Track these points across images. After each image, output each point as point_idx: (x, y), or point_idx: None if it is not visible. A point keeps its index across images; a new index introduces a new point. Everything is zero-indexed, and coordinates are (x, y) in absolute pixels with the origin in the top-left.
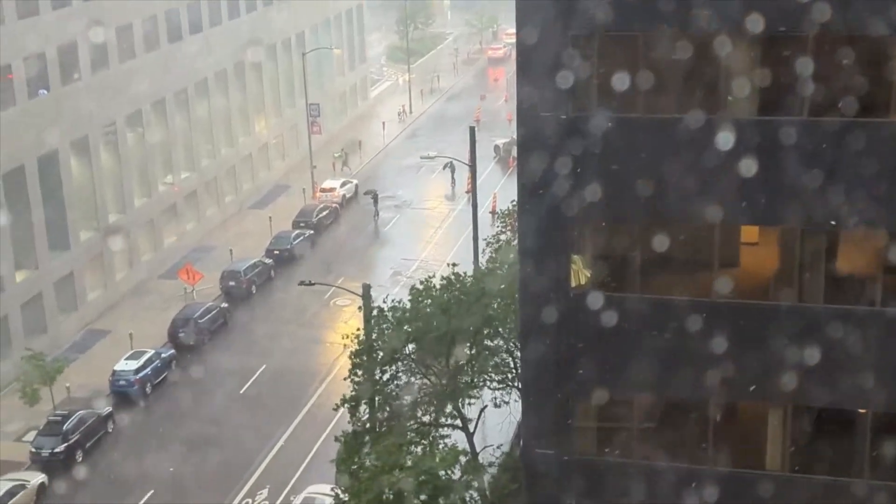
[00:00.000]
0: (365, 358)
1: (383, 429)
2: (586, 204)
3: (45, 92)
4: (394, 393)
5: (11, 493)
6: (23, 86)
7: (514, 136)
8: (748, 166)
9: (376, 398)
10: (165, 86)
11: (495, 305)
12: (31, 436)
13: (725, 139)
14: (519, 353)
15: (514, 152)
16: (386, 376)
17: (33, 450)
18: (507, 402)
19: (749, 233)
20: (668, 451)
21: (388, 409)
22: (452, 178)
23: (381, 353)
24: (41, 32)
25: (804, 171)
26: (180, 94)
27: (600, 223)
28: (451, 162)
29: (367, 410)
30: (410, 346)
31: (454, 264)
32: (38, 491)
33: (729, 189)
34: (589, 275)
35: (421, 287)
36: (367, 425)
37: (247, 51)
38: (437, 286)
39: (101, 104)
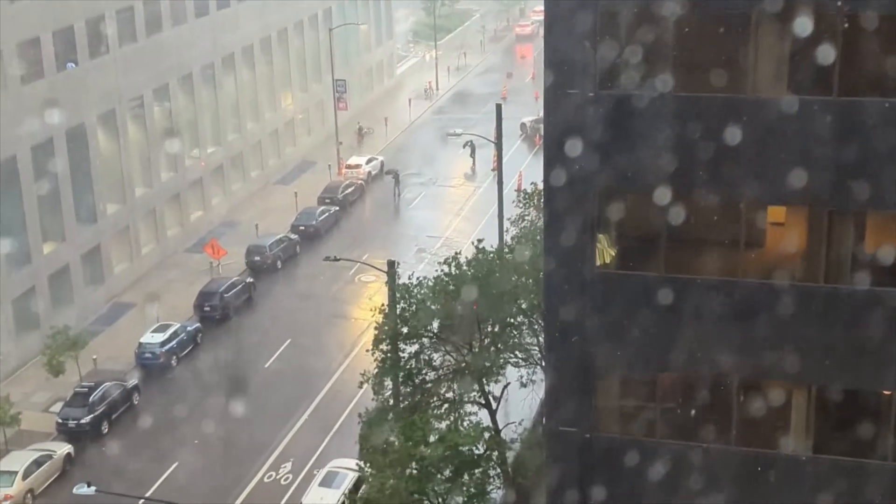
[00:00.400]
0: (389, 334)
1: (406, 403)
2: (612, 182)
3: (73, 65)
4: (417, 369)
5: (38, 463)
6: (51, 59)
7: (541, 114)
8: (776, 145)
9: (400, 374)
10: (192, 60)
11: (519, 283)
12: (57, 407)
13: (754, 117)
14: (543, 331)
15: (541, 130)
16: (412, 349)
17: (60, 420)
18: (532, 381)
19: (776, 213)
20: (691, 430)
21: (411, 385)
22: (472, 157)
23: (406, 329)
24: (69, 5)
25: (833, 151)
26: (207, 69)
27: (626, 202)
28: (470, 141)
29: (391, 387)
30: (435, 323)
31: (479, 240)
32: (64, 461)
33: (757, 168)
34: (614, 253)
35: (446, 264)
36: (391, 402)
37: (273, 26)
38: (463, 263)
39: (128, 78)
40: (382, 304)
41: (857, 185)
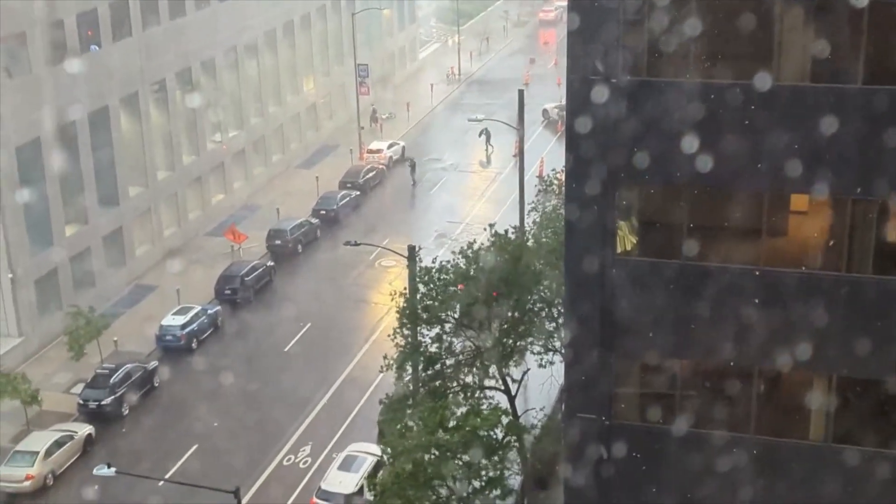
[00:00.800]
0: (409, 319)
1: (426, 387)
2: (634, 169)
3: (97, 48)
4: (437, 354)
5: (59, 444)
6: (75, 41)
7: (564, 100)
8: (800, 134)
9: (420, 359)
10: (215, 44)
11: (539, 269)
12: (79, 388)
13: (778, 106)
14: (562, 318)
15: (563, 116)
16: (432, 333)
17: (81, 402)
18: (552, 364)
19: (799, 201)
20: (711, 418)
21: (432, 370)
22: (488, 144)
23: (426, 314)
24: None
25: (856, 140)
26: (229, 53)
27: (648, 189)
28: (486, 129)
29: (411, 371)
30: (455, 308)
31: (491, 224)
32: (85, 442)
33: (780, 157)
34: (635, 241)
35: (466, 249)
36: (411, 386)
37: (297, 10)
38: (482, 249)
39: (151, 61)
40: (403, 289)
41: (881, 173)
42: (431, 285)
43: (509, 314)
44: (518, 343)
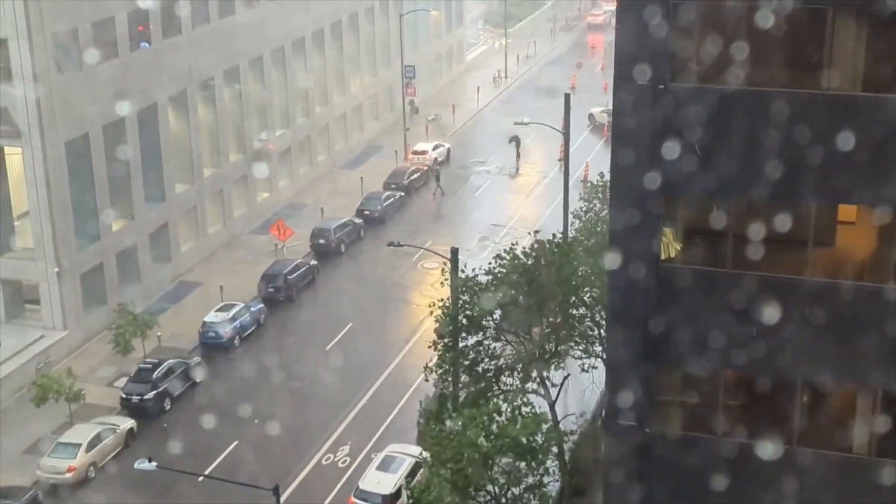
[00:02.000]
0: (450, 327)
1: (466, 391)
2: (680, 176)
3: (147, 45)
4: (478, 359)
5: (101, 437)
6: (125, 39)
7: (610, 105)
8: (848, 143)
9: (461, 363)
10: (263, 43)
11: (581, 274)
12: (122, 382)
13: (826, 115)
14: (604, 323)
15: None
16: (471, 341)
17: (124, 395)
18: (595, 368)
19: (847, 212)
20: (753, 429)
21: (473, 374)
22: (517, 152)
23: (467, 320)
24: None
25: None
26: (277, 53)
27: (693, 196)
28: (516, 136)
29: (451, 376)
30: (496, 313)
31: (536, 231)
32: (126, 436)
33: (828, 166)
34: (679, 248)
35: (506, 254)
36: (451, 389)
37: (345, 11)
38: (522, 254)
39: (200, 59)
40: (443, 299)
41: None
42: (473, 290)
43: (551, 318)
44: (560, 347)
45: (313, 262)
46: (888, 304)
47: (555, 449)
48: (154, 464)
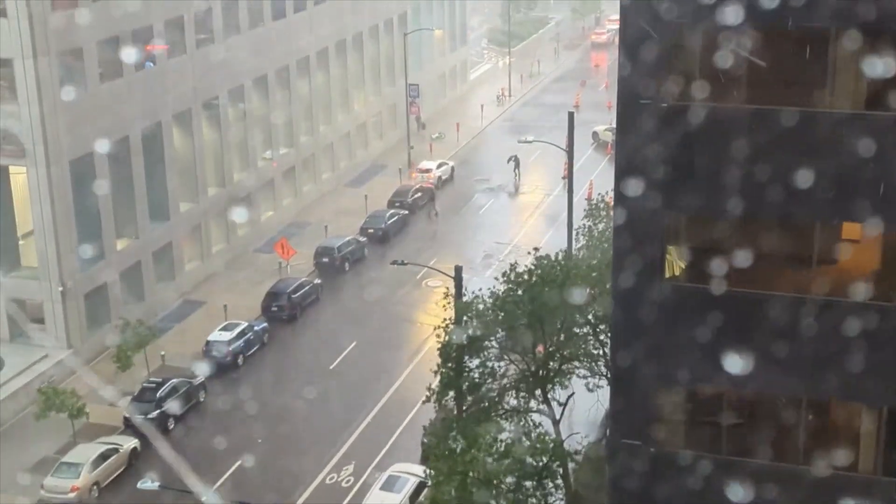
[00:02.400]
0: (454, 347)
1: (469, 412)
2: (683, 194)
3: (152, 64)
4: (481, 381)
5: (104, 457)
6: (129, 58)
7: (614, 123)
8: (852, 161)
9: (464, 385)
10: (268, 62)
11: (585, 292)
12: (125, 401)
13: (829, 133)
14: (608, 341)
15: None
16: (474, 363)
17: (127, 415)
18: (600, 387)
19: (850, 229)
20: (757, 448)
21: (476, 393)
22: (516, 172)
23: (469, 340)
24: (148, 6)
25: None
26: (282, 72)
27: (697, 214)
28: (515, 156)
29: (455, 397)
30: (499, 332)
31: (536, 249)
32: (130, 455)
33: (831, 184)
34: (683, 266)
35: (509, 273)
36: (455, 411)
37: (349, 30)
38: (525, 273)
39: (204, 79)
40: (445, 321)
41: None
42: (475, 312)
43: (555, 337)
44: (563, 366)
45: (317, 281)
46: (892, 322)
47: (559, 469)
48: (157, 484)
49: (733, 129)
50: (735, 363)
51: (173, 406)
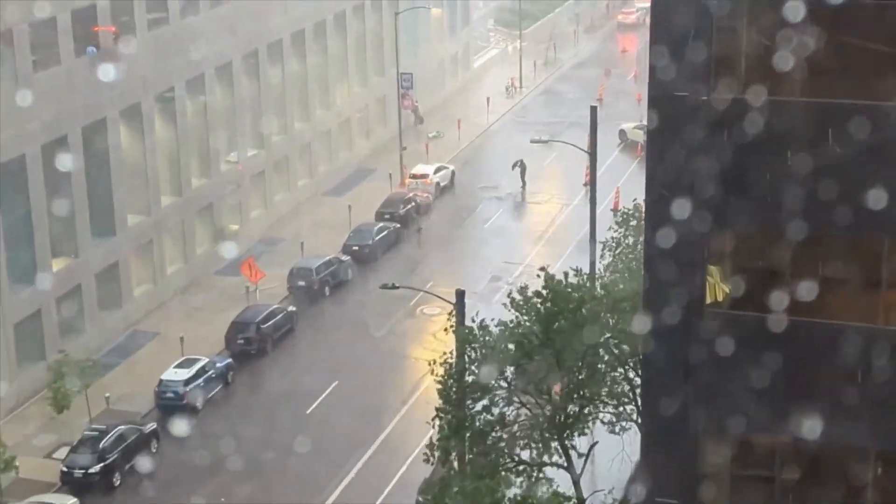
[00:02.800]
0: (454, 389)
1: (473, 466)
2: (728, 205)
3: (94, 50)
4: (487, 429)
5: None
6: (68, 43)
7: (644, 120)
8: None
9: (467, 435)
10: (233, 47)
11: (610, 321)
12: (62, 452)
13: None
14: (638, 381)
15: (644, 138)
16: (478, 406)
17: (65, 469)
18: (626, 429)
19: None
20: None
21: (481, 445)
22: (522, 179)
23: (473, 381)
24: None
25: None
26: (249, 58)
27: (745, 229)
28: (521, 161)
29: (455, 446)
30: (508, 371)
31: (542, 269)
32: None
33: None
34: (728, 290)
35: (518, 298)
36: (456, 466)
37: (330, 8)
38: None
39: (157, 67)
40: (444, 355)
41: None
42: (477, 346)
43: (575, 374)
44: (584, 409)
45: (292, 309)
46: None
47: None
48: None
49: (787, 127)
50: (790, 406)
51: (119, 458)
